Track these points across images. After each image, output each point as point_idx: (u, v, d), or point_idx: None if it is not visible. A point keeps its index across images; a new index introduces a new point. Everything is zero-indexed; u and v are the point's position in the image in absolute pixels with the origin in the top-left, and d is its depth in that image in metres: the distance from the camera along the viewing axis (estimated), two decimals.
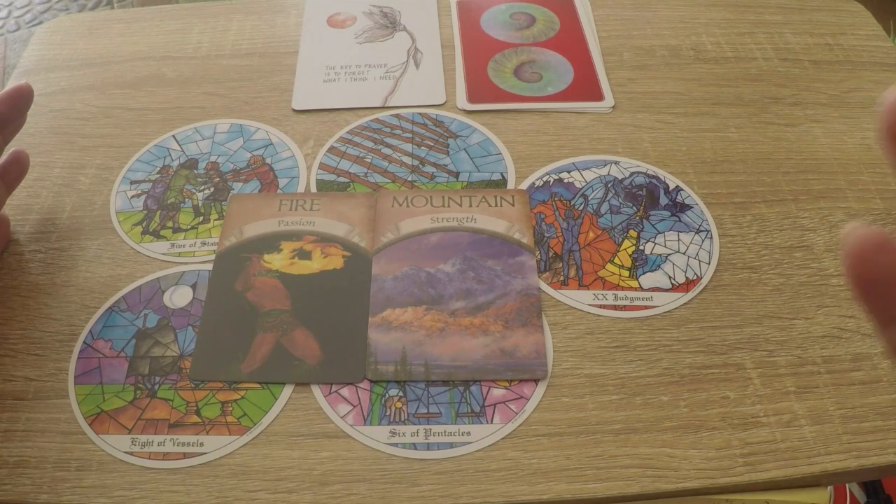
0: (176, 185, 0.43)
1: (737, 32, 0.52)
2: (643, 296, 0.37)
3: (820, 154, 0.44)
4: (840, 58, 0.50)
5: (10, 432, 0.33)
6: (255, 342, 0.36)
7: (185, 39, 0.53)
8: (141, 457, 0.32)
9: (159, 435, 0.33)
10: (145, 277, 0.38)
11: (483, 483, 0.31)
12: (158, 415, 0.33)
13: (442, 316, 0.36)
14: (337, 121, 0.47)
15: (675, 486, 0.31)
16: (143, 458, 0.32)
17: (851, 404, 0.33)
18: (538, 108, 0.47)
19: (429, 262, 0.39)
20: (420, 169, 0.43)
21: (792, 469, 0.31)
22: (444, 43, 0.52)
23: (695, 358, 0.35)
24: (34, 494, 0.31)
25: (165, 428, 0.33)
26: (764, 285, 0.38)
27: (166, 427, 0.33)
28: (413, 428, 0.33)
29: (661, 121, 0.46)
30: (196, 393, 0.34)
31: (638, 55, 0.51)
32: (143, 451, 0.32)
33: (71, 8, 1.42)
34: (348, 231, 0.40)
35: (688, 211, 0.41)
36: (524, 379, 0.34)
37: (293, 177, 0.43)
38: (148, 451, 0.32)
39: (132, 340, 0.36)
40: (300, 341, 0.36)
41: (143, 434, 0.33)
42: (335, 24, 0.54)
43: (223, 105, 0.48)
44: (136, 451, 0.32)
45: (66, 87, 0.49)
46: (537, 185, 0.42)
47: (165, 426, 0.33)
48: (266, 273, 0.38)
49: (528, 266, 0.38)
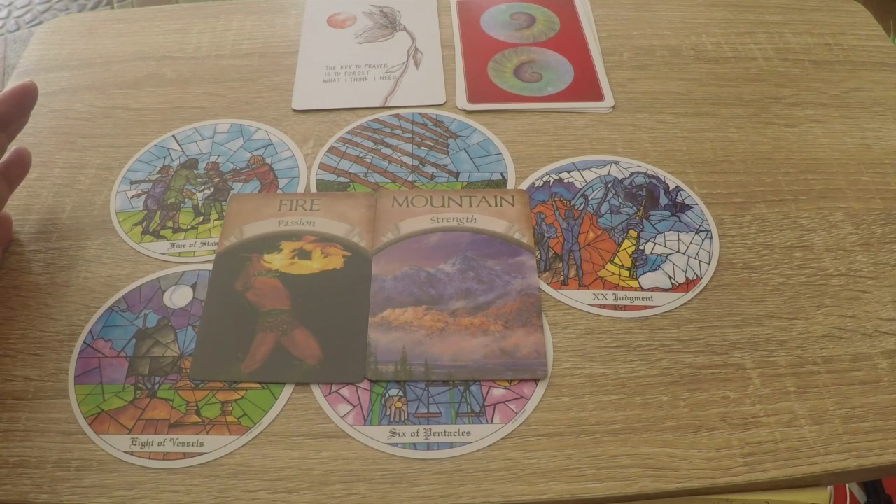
0: (176, 185, 0.43)
1: (737, 32, 0.52)
2: (643, 296, 0.37)
3: (820, 154, 0.44)
4: (840, 58, 0.50)
5: (10, 432, 0.33)
6: (255, 342, 0.36)
7: (185, 39, 0.53)
8: (141, 457, 0.32)
9: (159, 435, 0.33)
10: (145, 277, 0.38)
11: (483, 483, 0.31)
12: (158, 415, 0.33)
13: (442, 316, 0.36)
14: (337, 121, 0.47)
15: (674, 486, 0.31)
16: (144, 458, 0.32)
17: (851, 404, 0.33)
18: (538, 108, 0.47)
19: (429, 262, 0.39)
20: (420, 169, 0.43)
21: (792, 469, 0.31)
22: (444, 43, 0.52)
23: (695, 358, 0.35)
24: (34, 494, 0.31)
25: (165, 428, 0.33)
26: (764, 285, 0.38)
27: (166, 427, 0.33)
28: (413, 428, 0.33)
29: (661, 121, 0.46)
30: (196, 393, 0.34)
31: (638, 55, 0.51)
32: (143, 451, 0.32)
33: (71, 8, 1.42)
34: (348, 231, 0.40)
35: (688, 211, 0.41)
36: (524, 379, 0.34)
37: (293, 177, 0.43)
38: (148, 451, 0.32)
39: (132, 340, 0.36)
40: (300, 341, 0.36)
41: (143, 434, 0.33)
42: (335, 24, 0.54)
43: (223, 105, 0.48)
44: (137, 450, 0.32)
45: (66, 87, 0.49)
46: (537, 185, 0.42)
47: (165, 426, 0.33)
48: (266, 273, 0.38)
49: (528, 266, 0.38)
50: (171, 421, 0.33)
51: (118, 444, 0.32)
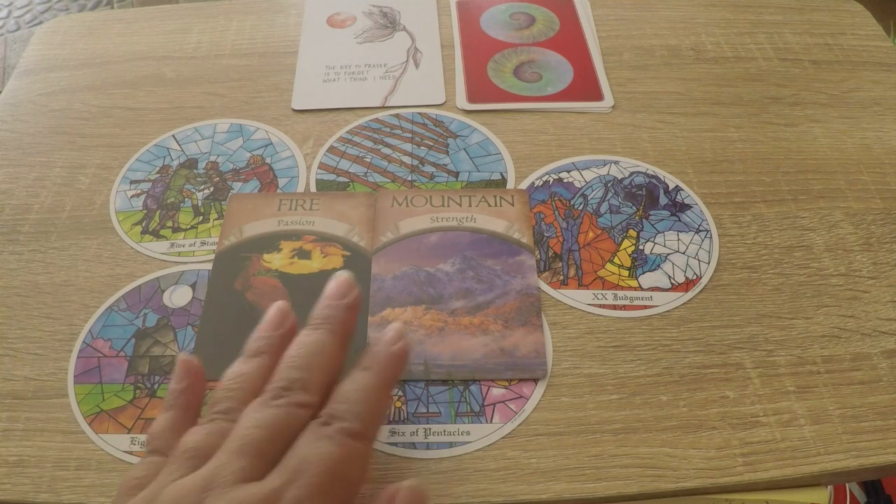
0: (176, 184, 0.43)
1: (737, 32, 0.52)
2: (643, 295, 0.37)
3: (819, 154, 0.44)
4: (840, 58, 0.50)
5: (9, 432, 0.33)
6: None
7: (185, 39, 0.53)
8: (140, 456, 0.32)
9: None
10: (145, 277, 0.38)
11: (482, 482, 0.31)
12: (158, 414, 0.33)
13: (441, 315, 0.36)
14: (337, 121, 0.47)
15: (674, 485, 0.31)
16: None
17: (851, 404, 0.33)
18: (538, 107, 0.47)
19: (428, 261, 0.39)
20: (420, 169, 0.43)
21: (792, 469, 0.31)
22: (444, 43, 0.52)
23: (694, 357, 0.35)
24: (34, 493, 0.31)
25: None
26: (763, 285, 0.38)
27: None
28: (412, 427, 0.33)
29: (660, 121, 0.46)
30: None
31: (638, 55, 0.51)
32: (142, 451, 0.32)
33: (71, 8, 1.42)
34: (348, 231, 0.40)
35: (687, 211, 0.41)
36: (523, 378, 0.34)
37: (293, 176, 0.43)
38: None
39: (132, 340, 0.36)
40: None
41: (142, 433, 0.33)
42: (335, 24, 0.54)
43: (223, 105, 0.48)
44: (136, 450, 0.32)
45: (66, 87, 0.49)
46: (537, 185, 0.42)
47: None
48: (266, 273, 0.38)
49: (527, 265, 0.38)
50: None
51: (118, 443, 0.32)
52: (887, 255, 0.39)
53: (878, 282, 0.38)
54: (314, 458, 0.25)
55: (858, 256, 0.39)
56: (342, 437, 0.26)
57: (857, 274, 0.38)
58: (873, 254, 0.39)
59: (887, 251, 0.39)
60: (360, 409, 0.27)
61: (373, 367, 0.29)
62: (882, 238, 0.40)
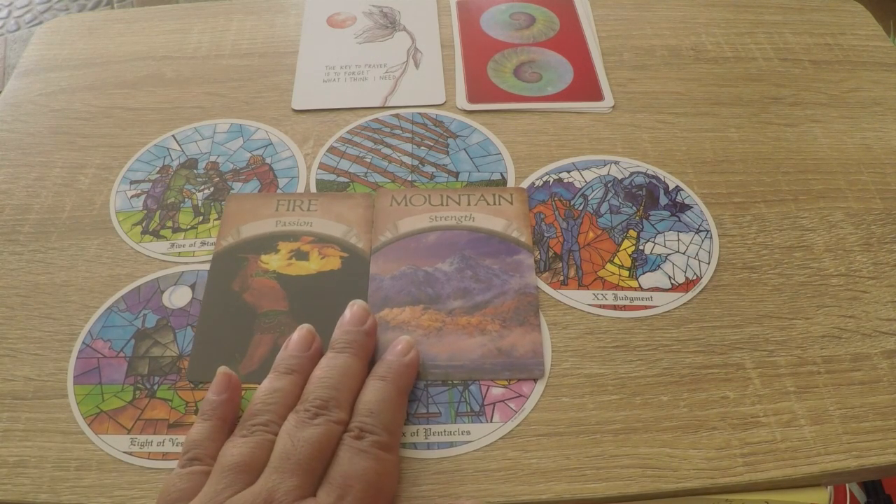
0: (176, 184, 0.43)
1: (737, 32, 0.52)
2: (643, 296, 0.37)
3: (820, 154, 0.44)
4: (840, 58, 0.50)
5: (9, 432, 0.33)
6: (253, 343, 0.36)
7: (185, 39, 0.53)
8: (140, 457, 0.32)
9: (158, 435, 0.33)
10: (145, 277, 0.38)
11: (483, 483, 0.31)
12: (157, 415, 0.33)
13: (439, 315, 0.36)
14: (337, 121, 0.47)
15: (674, 486, 0.31)
16: (143, 458, 0.32)
17: (851, 404, 0.33)
18: (538, 108, 0.47)
19: (427, 261, 0.39)
20: (420, 169, 0.43)
21: (792, 469, 0.31)
22: (444, 43, 0.52)
23: (694, 358, 0.35)
24: (34, 494, 0.31)
25: (164, 428, 0.33)
26: (764, 285, 0.38)
27: (165, 427, 0.33)
28: (412, 428, 0.33)
29: (660, 121, 0.46)
30: (195, 393, 0.34)
31: (638, 55, 0.51)
32: (142, 451, 0.32)
33: (71, 8, 1.42)
34: (346, 232, 0.40)
35: (687, 211, 0.41)
36: (521, 378, 0.34)
37: (293, 177, 0.43)
38: (147, 451, 0.32)
39: (131, 340, 0.36)
40: None
41: (142, 434, 0.33)
42: (335, 24, 0.54)
43: (223, 105, 0.48)
44: (136, 450, 0.32)
45: (66, 87, 0.49)
46: (537, 185, 0.42)
47: (165, 426, 0.33)
48: (263, 274, 0.38)
49: (525, 265, 0.38)
50: (170, 421, 0.33)
51: (117, 443, 0.32)
52: (887, 256, 0.39)
53: (878, 282, 0.38)
54: (357, 475, 0.28)
55: (858, 257, 0.39)
56: (376, 450, 0.29)
57: (858, 274, 0.38)
58: (873, 254, 0.39)
59: (887, 251, 0.39)
60: (386, 420, 0.30)
61: (388, 377, 0.32)
62: (882, 238, 0.40)
